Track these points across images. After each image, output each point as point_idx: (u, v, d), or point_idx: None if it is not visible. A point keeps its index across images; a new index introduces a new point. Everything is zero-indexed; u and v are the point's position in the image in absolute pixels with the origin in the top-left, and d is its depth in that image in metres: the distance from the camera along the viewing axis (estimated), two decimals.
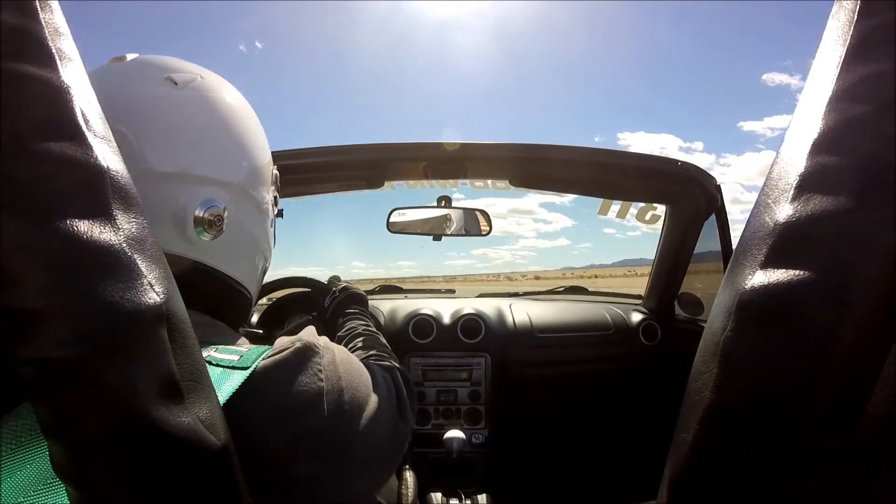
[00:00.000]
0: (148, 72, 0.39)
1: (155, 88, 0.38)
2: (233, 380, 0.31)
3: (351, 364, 0.43)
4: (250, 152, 0.43)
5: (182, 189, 0.38)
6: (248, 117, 0.44)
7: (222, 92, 0.43)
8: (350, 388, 0.40)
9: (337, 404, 0.38)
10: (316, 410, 0.35)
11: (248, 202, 0.43)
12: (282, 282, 0.98)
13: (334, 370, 0.39)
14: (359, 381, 0.42)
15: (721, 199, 1.03)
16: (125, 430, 0.21)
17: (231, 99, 0.43)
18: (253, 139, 0.44)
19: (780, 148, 0.25)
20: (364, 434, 0.40)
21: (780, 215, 0.22)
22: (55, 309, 0.19)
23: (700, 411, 0.24)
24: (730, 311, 0.23)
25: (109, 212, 0.22)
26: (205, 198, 0.39)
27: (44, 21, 0.22)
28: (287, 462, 0.34)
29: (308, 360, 0.37)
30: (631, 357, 1.22)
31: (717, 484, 0.24)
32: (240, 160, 0.42)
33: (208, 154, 0.39)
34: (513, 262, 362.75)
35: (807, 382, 0.21)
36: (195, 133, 0.39)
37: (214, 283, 0.42)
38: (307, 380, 0.36)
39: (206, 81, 0.42)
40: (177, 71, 0.40)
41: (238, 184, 0.42)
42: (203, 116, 0.40)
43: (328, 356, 0.39)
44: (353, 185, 1.12)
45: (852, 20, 0.23)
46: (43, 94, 0.21)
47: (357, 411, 0.40)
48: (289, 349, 0.36)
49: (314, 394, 0.36)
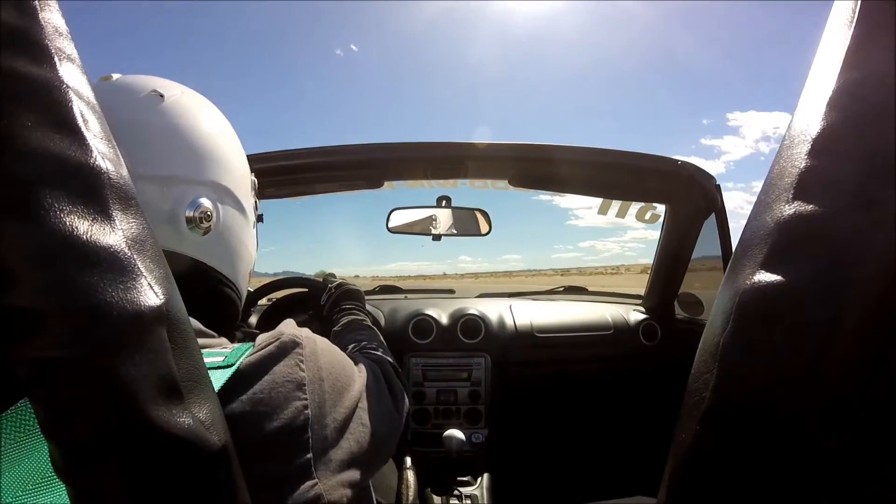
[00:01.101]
0: (135, 87, 0.42)
1: (143, 101, 0.41)
2: (217, 379, 0.32)
3: (333, 355, 0.44)
4: (232, 158, 0.47)
5: (172, 189, 0.41)
6: (226, 126, 0.48)
7: (203, 105, 0.46)
8: (331, 378, 0.41)
9: (319, 394, 0.38)
10: (298, 401, 0.36)
11: (232, 203, 0.46)
12: (280, 282, 0.98)
13: (315, 361, 0.40)
14: (341, 370, 0.43)
15: (721, 199, 1.03)
16: (125, 430, 0.21)
17: (211, 111, 0.47)
18: (231, 147, 0.48)
19: (780, 147, 0.25)
20: (350, 424, 0.41)
21: (779, 215, 0.22)
22: (55, 309, 0.19)
23: (700, 411, 0.24)
24: (730, 311, 0.23)
25: (108, 212, 0.22)
26: (193, 196, 0.41)
27: (43, 20, 0.22)
28: (274, 456, 0.34)
29: (289, 352, 0.38)
30: (631, 357, 1.22)
31: (717, 483, 0.24)
32: (223, 164, 0.45)
33: (194, 158, 0.42)
34: (621, 254, 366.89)
35: (807, 383, 0.21)
36: (181, 140, 0.42)
37: (205, 279, 0.43)
38: (289, 371, 0.37)
39: (188, 96, 0.45)
40: (161, 87, 0.43)
41: (222, 185, 0.45)
42: (187, 124, 0.43)
43: (309, 347, 0.40)
44: (352, 186, 1.12)
45: (852, 20, 0.23)
46: (41, 93, 0.21)
47: (341, 401, 0.41)
48: (272, 343, 0.37)
49: (296, 385, 0.37)
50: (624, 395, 1.25)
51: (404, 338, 1.18)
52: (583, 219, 67.07)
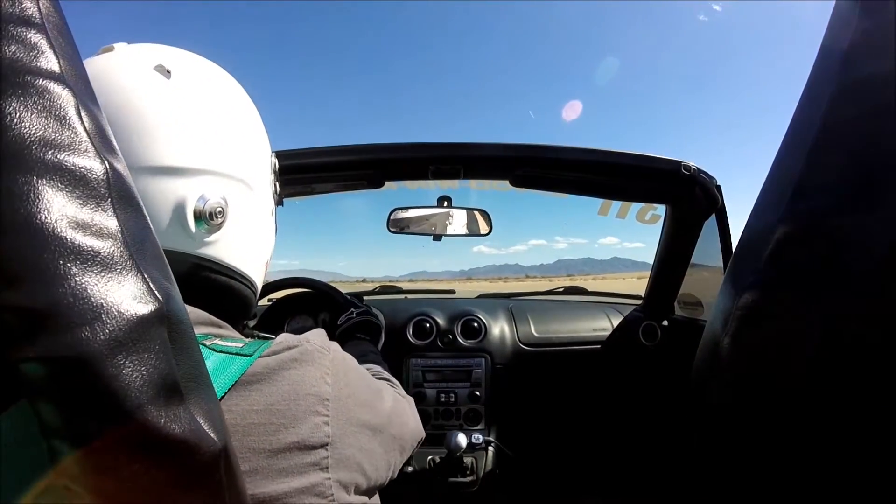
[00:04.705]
0: (138, 62, 0.38)
1: (145, 79, 0.37)
2: (235, 365, 0.31)
3: (360, 373, 0.42)
4: (247, 141, 0.42)
5: (179, 182, 0.36)
6: (242, 106, 0.43)
7: (215, 80, 0.41)
8: (357, 397, 0.38)
9: (342, 412, 0.36)
10: (318, 417, 0.34)
11: (247, 192, 0.42)
12: (284, 282, 0.97)
13: (343, 377, 0.37)
14: (367, 390, 0.41)
15: (721, 200, 1.03)
16: (125, 430, 0.21)
17: (224, 87, 0.42)
18: (249, 128, 0.43)
19: (779, 148, 0.25)
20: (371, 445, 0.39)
21: (779, 216, 0.22)
22: (54, 309, 0.19)
23: (700, 411, 0.24)
24: (730, 311, 0.23)
25: (109, 211, 0.22)
26: (203, 190, 0.37)
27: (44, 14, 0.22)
28: (287, 470, 0.32)
29: (314, 362, 0.35)
30: (631, 357, 1.21)
31: (718, 482, 0.24)
32: (236, 149, 0.41)
33: (204, 145, 0.38)
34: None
35: (806, 382, 0.21)
36: (189, 124, 0.37)
37: (218, 276, 0.40)
38: (312, 383, 0.34)
39: (199, 70, 0.40)
40: (168, 59, 0.38)
41: (236, 174, 0.40)
42: (197, 106, 0.38)
43: (338, 361, 0.38)
44: (353, 186, 1.12)
45: (852, 20, 0.23)
46: (41, 91, 0.21)
47: (365, 421, 0.39)
48: (295, 348, 0.35)
49: (318, 399, 0.34)
50: (624, 395, 1.25)
51: (404, 339, 1.18)
52: None
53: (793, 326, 0.21)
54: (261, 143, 0.45)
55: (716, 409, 0.23)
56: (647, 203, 1.18)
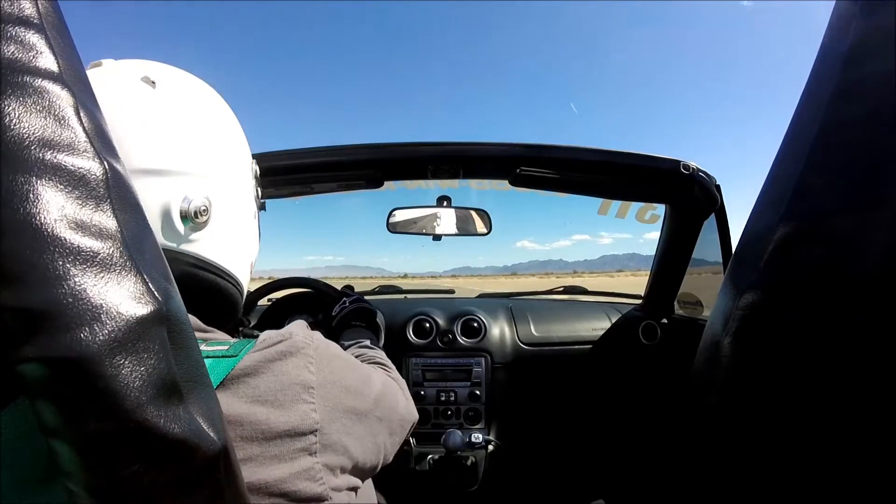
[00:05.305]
0: (126, 75, 0.40)
1: (133, 89, 0.39)
2: (221, 367, 0.32)
3: (345, 360, 0.43)
4: (228, 146, 0.45)
5: (165, 182, 0.38)
6: (223, 114, 0.46)
7: (198, 91, 0.44)
8: (343, 383, 0.40)
9: (328, 399, 0.37)
10: (305, 405, 0.35)
11: (230, 194, 0.44)
12: (283, 281, 0.97)
13: (326, 364, 0.39)
14: (353, 376, 0.42)
15: (721, 199, 1.03)
16: (125, 430, 0.21)
17: (206, 98, 0.44)
18: (230, 134, 0.46)
19: (779, 148, 0.25)
20: (359, 430, 0.40)
21: (779, 215, 0.22)
22: (54, 309, 0.19)
23: (700, 411, 0.24)
24: (730, 311, 0.23)
25: (108, 212, 0.22)
26: (188, 190, 0.39)
27: (42, 15, 0.22)
28: (277, 457, 0.34)
29: (298, 353, 0.37)
30: (631, 357, 1.22)
31: (717, 482, 0.24)
32: (219, 153, 0.43)
33: (187, 149, 0.40)
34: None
35: (807, 383, 0.21)
36: (174, 129, 0.40)
37: (204, 273, 0.42)
38: (297, 373, 0.36)
39: (182, 82, 0.43)
40: (153, 72, 0.41)
41: (219, 176, 0.43)
42: (181, 113, 0.41)
43: (320, 350, 0.39)
44: (352, 186, 1.12)
45: (852, 20, 0.23)
46: (41, 87, 0.21)
47: (351, 407, 0.40)
48: (280, 342, 0.36)
49: (303, 387, 0.36)
50: (624, 395, 1.25)
51: (403, 338, 1.18)
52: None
53: (793, 327, 0.21)
54: (241, 149, 0.48)
55: (716, 409, 0.23)
56: (646, 202, 1.18)
